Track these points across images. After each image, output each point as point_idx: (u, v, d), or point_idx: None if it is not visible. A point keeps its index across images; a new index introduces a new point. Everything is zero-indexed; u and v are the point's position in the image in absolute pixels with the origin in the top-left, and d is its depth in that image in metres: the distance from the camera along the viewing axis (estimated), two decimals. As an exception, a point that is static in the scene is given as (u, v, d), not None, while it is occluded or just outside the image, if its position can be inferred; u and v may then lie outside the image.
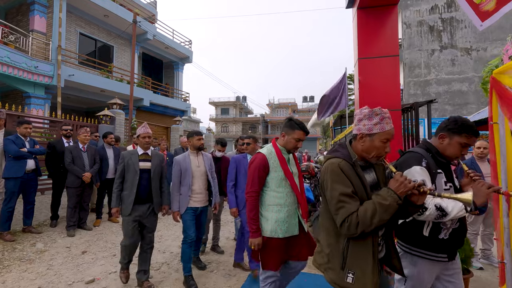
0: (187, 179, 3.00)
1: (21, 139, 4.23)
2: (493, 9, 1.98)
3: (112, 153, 5.23)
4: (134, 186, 2.80)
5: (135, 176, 2.82)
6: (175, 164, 3.01)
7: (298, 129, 2.07)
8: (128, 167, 2.85)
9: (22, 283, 2.91)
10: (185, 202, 2.99)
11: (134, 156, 2.88)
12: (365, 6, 3.26)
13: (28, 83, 9.19)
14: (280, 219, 2.04)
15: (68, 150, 4.54)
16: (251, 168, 2.10)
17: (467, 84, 11.67)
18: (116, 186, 2.84)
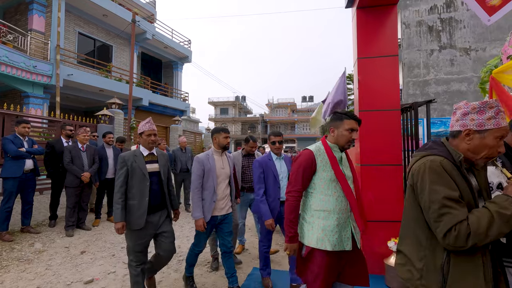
0: (211, 182, 2.62)
1: (20, 138, 4.21)
2: (500, 4, 1.97)
3: (111, 153, 5.23)
4: (144, 193, 2.37)
5: (144, 182, 2.39)
6: (197, 163, 2.62)
7: (346, 119, 1.83)
8: (133, 171, 2.39)
9: (20, 283, 2.90)
10: (209, 209, 2.58)
11: (138, 158, 2.44)
12: (365, 6, 3.26)
13: (27, 83, 9.16)
14: (327, 228, 1.76)
15: (67, 150, 4.52)
16: (295, 165, 1.88)
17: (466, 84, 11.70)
18: (119, 196, 2.34)
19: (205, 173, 2.62)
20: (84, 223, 4.74)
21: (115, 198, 2.34)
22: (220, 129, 2.77)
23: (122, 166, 2.40)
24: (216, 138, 2.74)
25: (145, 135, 2.49)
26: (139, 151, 2.50)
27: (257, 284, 2.97)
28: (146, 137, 2.49)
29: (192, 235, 4.67)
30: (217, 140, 2.74)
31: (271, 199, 2.78)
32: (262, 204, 2.74)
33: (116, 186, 2.37)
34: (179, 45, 16.18)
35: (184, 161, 6.17)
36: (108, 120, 8.71)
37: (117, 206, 2.32)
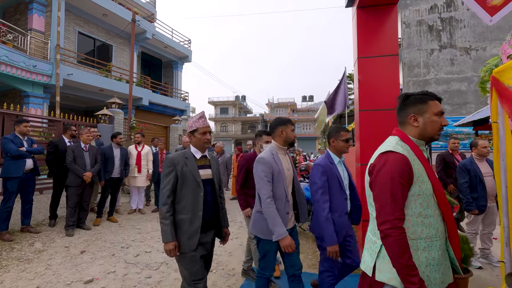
0: (281, 188, 2.08)
1: (19, 138, 4.21)
2: (501, 3, 1.95)
3: (118, 153, 5.31)
4: (198, 206, 1.93)
5: (197, 191, 1.94)
6: (263, 165, 2.05)
7: (431, 99, 1.37)
8: (184, 177, 1.93)
9: (20, 283, 2.90)
10: (284, 223, 2.05)
11: (190, 161, 1.97)
12: (365, 5, 3.25)
13: (27, 82, 9.15)
14: (432, 261, 1.28)
15: (70, 149, 4.52)
16: (384, 178, 1.29)
17: (466, 83, 11.69)
18: (167, 209, 1.87)
19: (274, 177, 2.07)
20: (84, 223, 4.74)
21: (161, 212, 1.87)
22: (286, 120, 2.21)
23: (170, 171, 1.92)
24: (283, 131, 2.17)
25: (199, 133, 2.01)
26: (190, 153, 2.02)
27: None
28: (200, 135, 2.01)
29: (192, 234, 4.67)
30: (284, 134, 2.17)
31: (337, 215, 2.23)
32: (327, 224, 2.14)
33: (162, 196, 1.90)
34: (179, 44, 16.17)
35: None
36: (108, 120, 8.70)
37: (165, 221, 1.85)
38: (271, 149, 2.18)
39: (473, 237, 3.48)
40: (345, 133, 2.34)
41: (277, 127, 2.20)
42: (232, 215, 6.14)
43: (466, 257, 2.58)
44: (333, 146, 2.37)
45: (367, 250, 1.44)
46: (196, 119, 2.04)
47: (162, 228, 1.87)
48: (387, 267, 1.30)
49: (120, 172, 5.32)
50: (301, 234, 4.77)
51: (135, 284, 2.94)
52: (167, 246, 1.84)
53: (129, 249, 3.93)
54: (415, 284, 1.18)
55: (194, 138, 2.03)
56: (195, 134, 2.03)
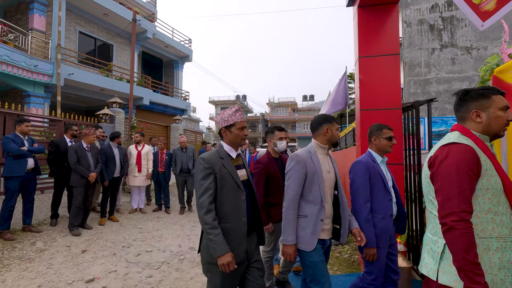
0: (316, 191, 1.87)
1: (20, 137, 4.22)
2: (494, 9, 1.98)
3: (118, 152, 5.33)
4: (241, 211, 1.71)
5: (239, 195, 1.72)
6: (297, 164, 1.89)
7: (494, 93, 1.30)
8: (223, 180, 1.69)
9: (22, 282, 2.91)
10: (315, 230, 1.84)
11: (226, 161, 1.74)
12: (366, 5, 3.24)
13: (28, 82, 9.17)
14: (507, 264, 1.18)
15: (72, 150, 4.48)
16: (448, 168, 1.23)
17: (467, 83, 11.66)
18: (213, 217, 1.62)
19: (307, 178, 1.87)
20: (86, 222, 4.74)
21: (206, 221, 1.60)
22: (331, 118, 2.01)
23: (208, 173, 1.67)
24: (328, 130, 1.97)
25: (236, 128, 1.76)
26: (224, 152, 1.78)
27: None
28: (237, 131, 1.76)
29: (193, 234, 4.68)
30: (329, 133, 1.98)
31: (381, 217, 2.04)
32: (368, 225, 2.00)
33: (203, 204, 1.62)
34: (179, 44, 16.18)
35: (185, 161, 6.05)
36: (109, 119, 8.71)
37: (214, 231, 1.58)
38: (310, 147, 1.99)
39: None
40: (387, 130, 2.16)
41: (321, 124, 1.99)
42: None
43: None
44: (375, 144, 2.18)
45: (428, 252, 1.35)
46: (232, 112, 1.78)
47: (212, 240, 1.57)
48: (453, 268, 1.19)
49: (120, 171, 5.34)
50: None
51: (136, 283, 2.95)
52: (224, 259, 1.55)
53: (130, 249, 3.94)
54: (480, 284, 1.08)
55: (230, 134, 1.77)
56: (232, 130, 1.76)
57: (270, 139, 2.73)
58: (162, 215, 5.96)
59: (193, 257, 3.70)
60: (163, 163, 6.23)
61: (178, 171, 5.98)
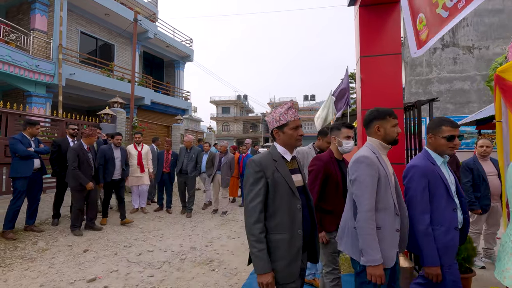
0: (389, 198, 1.60)
1: (27, 138, 4.24)
2: (424, 40, 2.04)
3: (119, 154, 5.16)
4: (296, 222, 1.49)
5: (294, 203, 1.51)
6: (367, 166, 1.60)
7: None
8: (276, 185, 1.49)
9: (24, 281, 2.92)
10: (392, 244, 1.58)
11: (280, 164, 1.54)
12: (367, 4, 3.24)
13: (29, 82, 9.20)
14: None
15: (74, 153, 4.34)
16: None
17: (469, 82, 11.62)
18: (260, 229, 1.43)
19: (380, 183, 1.60)
20: (94, 223, 4.67)
21: (252, 233, 1.43)
22: (385, 113, 1.72)
23: (259, 178, 1.48)
24: (380, 128, 1.71)
25: (289, 128, 1.55)
26: (278, 154, 1.58)
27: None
28: (291, 131, 1.55)
29: (194, 233, 4.68)
30: (381, 132, 1.70)
31: (443, 229, 1.71)
32: (427, 239, 1.69)
33: (252, 212, 1.45)
34: (180, 44, 16.20)
35: (186, 162, 5.89)
36: (110, 119, 8.73)
37: (259, 245, 1.41)
38: (371, 147, 1.71)
39: (477, 237, 3.46)
40: (449, 128, 1.77)
41: (372, 121, 1.73)
42: (233, 214, 6.15)
43: (469, 256, 2.57)
44: (431, 143, 1.87)
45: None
46: (285, 110, 1.57)
47: (255, 254, 1.41)
48: None
49: (121, 173, 5.18)
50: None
51: (138, 283, 2.95)
52: (264, 279, 1.41)
53: (131, 248, 3.94)
54: None
55: (283, 135, 1.57)
56: (285, 130, 1.56)
57: (334, 137, 2.35)
58: (164, 214, 5.97)
59: (194, 256, 3.70)
60: (168, 164, 6.21)
61: (178, 171, 5.93)
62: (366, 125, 1.79)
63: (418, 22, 2.04)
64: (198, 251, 3.91)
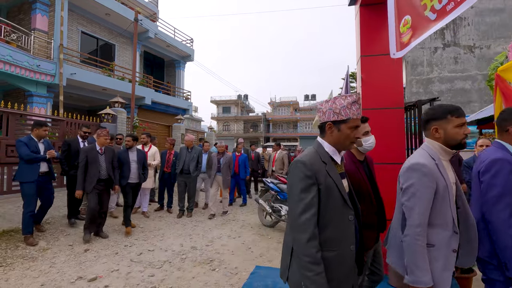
0: (447, 211, 1.39)
1: (34, 141, 4.06)
2: (406, 43, 2.05)
3: (135, 156, 4.83)
4: (349, 236, 1.29)
5: (346, 214, 1.30)
6: (424, 175, 1.37)
7: None
8: (329, 193, 1.26)
9: (25, 280, 2.93)
10: (449, 264, 1.38)
11: (331, 168, 1.31)
12: (368, 3, 3.23)
13: (30, 82, 9.21)
14: None
15: (83, 152, 4.15)
16: None
17: (470, 82, 11.60)
18: (316, 248, 1.20)
19: (438, 195, 1.37)
20: (101, 230, 4.42)
21: (307, 252, 1.19)
22: (445, 111, 1.45)
23: (311, 184, 1.24)
24: (439, 130, 1.46)
25: (348, 126, 1.32)
26: (326, 154, 1.34)
27: (259, 282, 2.97)
28: (349, 130, 1.32)
29: (195, 233, 4.69)
30: (440, 134, 1.46)
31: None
32: None
33: (305, 227, 1.21)
34: (181, 43, 16.20)
35: (188, 162, 5.79)
36: (111, 119, 8.73)
37: (315, 269, 1.17)
38: (430, 151, 1.46)
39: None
40: None
41: (428, 123, 1.50)
42: (233, 213, 6.16)
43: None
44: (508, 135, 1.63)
45: None
46: (348, 104, 1.30)
47: (310, 279, 1.16)
48: None
49: (139, 177, 4.83)
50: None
51: (138, 282, 2.96)
52: None
53: (132, 248, 3.95)
54: None
55: (338, 132, 1.32)
56: (341, 127, 1.31)
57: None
58: (164, 214, 5.97)
59: (194, 256, 3.70)
60: (170, 163, 6.20)
61: (179, 171, 5.80)
62: (423, 125, 1.56)
63: (402, 25, 2.05)
64: (198, 250, 3.91)
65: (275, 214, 4.91)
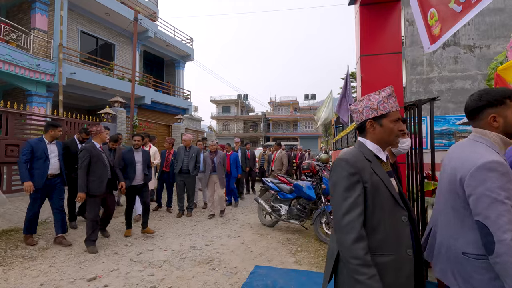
0: None
1: (43, 143, 3.92)
2: (438, 35, 2.02)
3: (141, 157, 4.61)
4: (404, 239, 1.18)
5: (399, 214, 1.20)
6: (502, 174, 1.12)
7: None
8: (375, 191, 1.18)
9: (24, 280, 2.93)
10: None
11: (376, 165, 1.24)
12: (368, 3, 3.23)
13: (30, 81, 9.21)
14: None
15: (84, 151, 3.77)
16: None
17: (470, 81, 11.61)
18: (365, 249, 1.10)
19: None
20: (105, 229, 4.31)
21: (356, 254, 1.09)
22: (504, 94, 1.24)
23: (355, 182, 1.17)
24: (498, 117, 1.24)
25: (390, 120, 1.25)
26: (370, 153, 1.26)
27: (259, 282, 2.97)
28: (392, 124, 1.25)
29: (194, 233, 4.69)
30: (500, 122, 1.24)
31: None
32: None
33: (350, 227, 1.13)
34: (181, 43, 16.19)
35: (186, 161, 5.75)
36: (111, 119, 8.73)
37: (367, 272, 1.08)
38: (492, 145, 1.23)
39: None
40: None
41: (482, 110, 1.27)
42: (233, 213, 6.16)
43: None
44: None
45: None
46: (384, 98, 1.26)
47: (364, 283, 1.07)
48: None
49: (144, 178, 4.61)
50: (303, 232, 4.77)
51: (138, 281, 2.96)
52: None
53: (131, 247, 3.95)
54: None
55: (380, 128, 1.26)
56: (383, 122, 1.25)
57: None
58: (164, 214, 5.97)
59: (194, 256, 3.70)
60: (169, 163, 6.19)
61: (177, 171, 5.76)
62: (472, 114, 1.31)
63: (430, 18, 2.02)
64: (198, 250, 3.91)
65: (274, 213, 4.91)
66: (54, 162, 4.00)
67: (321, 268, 3.36)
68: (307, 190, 4.60)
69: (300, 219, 4.63)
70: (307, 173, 4.83)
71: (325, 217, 4.30)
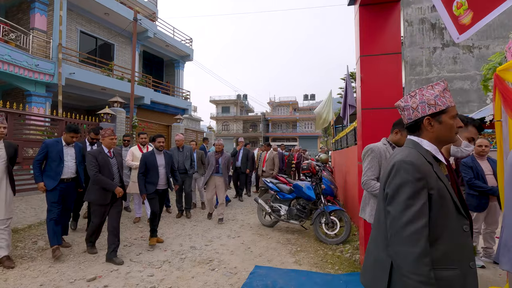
0: None
1: (60, 144, 3.75)
2: (469, 24, 1.99)
3: (163, 160, 4.26)
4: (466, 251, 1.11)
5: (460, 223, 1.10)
6: None
7: None
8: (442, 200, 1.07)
9: (24, 281, 2.92)
10: None
11: (437, 168, 1.13)
12: (368, 3, 3.23)
13: (29, 81, 9.19)
14: None
15: (91, 156, 3.51)
16: None
17: (469, 82, 11.64)
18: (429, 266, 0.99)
19: None
20: (116, 254, 3.49)
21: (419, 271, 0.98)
22: None
23: (420, 188, 1.05)
24: None
25: (449, 116, 1.14)
26: (429, 154, 1.15)
27: (259, 282, 2.98)
28: (451, 120, 1.15)
29: (194, 233, 4.69)
30: None
31: None
32: None
33: (415, 239, 1.01)
34: (180, 43, 16.19)
35: (182, 161, 5.72)
36: (110, 119, 8.72)
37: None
38: None
39: (476, 236, 3.47)
40: None
41: None
42: (233, 213, 6.16)
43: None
44: None
45: None
46: (440, 92, 1.14)
47: None
48: None
49: (167, 182, 4.31)
50: (302, 232, 4.77)
51: (138, 282, 2.96)
52: None
53: (131, 248, 3.95)
54: None
55: (439, 126, 1.14)
56: (442, 119, 1.14)
57: None
58: (163, 214, 5.95)
59: (194, 256, 3.70)
60: None
61: None
62: None
63: (456, 8, 1.98)
64: (198, 250, 3.92)
65: (274, 214, 4.91)
66: (71, 166, 3.80)
67: (321, 268, 3.37)
68: (306, 190, 4.61)
69: (299, 219, 4.63)
70: (307, 173, 4.84)
71: (324, 217, 4.30)
